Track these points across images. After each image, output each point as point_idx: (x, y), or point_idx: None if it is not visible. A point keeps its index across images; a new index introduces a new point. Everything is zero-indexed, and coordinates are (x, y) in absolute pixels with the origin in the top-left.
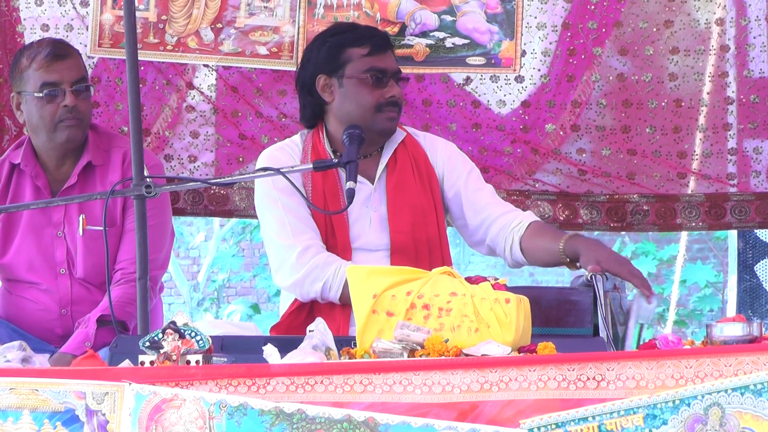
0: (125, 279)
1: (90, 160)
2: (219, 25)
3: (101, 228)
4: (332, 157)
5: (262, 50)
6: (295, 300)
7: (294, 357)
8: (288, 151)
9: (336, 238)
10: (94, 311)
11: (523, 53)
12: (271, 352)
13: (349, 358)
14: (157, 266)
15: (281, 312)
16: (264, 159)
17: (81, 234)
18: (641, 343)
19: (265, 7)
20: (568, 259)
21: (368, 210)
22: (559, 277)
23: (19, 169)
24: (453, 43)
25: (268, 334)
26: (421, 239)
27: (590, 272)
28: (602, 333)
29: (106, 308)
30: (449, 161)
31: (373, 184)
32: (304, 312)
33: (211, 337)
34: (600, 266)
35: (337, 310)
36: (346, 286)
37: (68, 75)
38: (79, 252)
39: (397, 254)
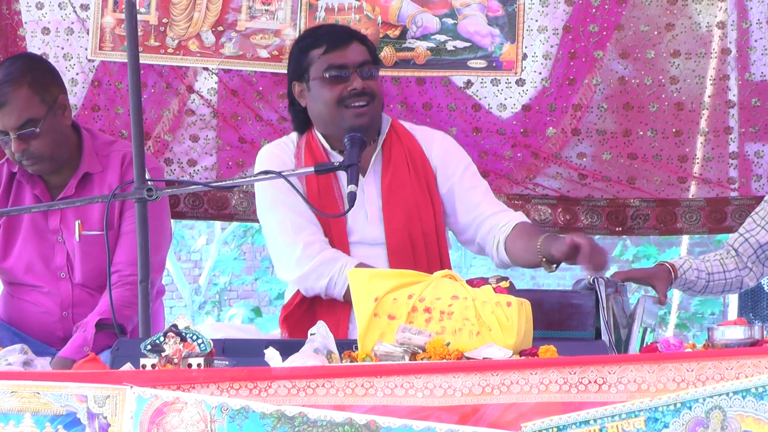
0: (122, 282)
1: (87, 170)
2: (220, 28)
3: (97, 233)
4: (329, 151)
5: (264, 53)
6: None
7: (295, 360)
8: (284, 148)
9: (332, 234)
10: (92, 315)
11: (524, 56)
12: (272, 356)
13: (351, 362)
14: (154, 269)
15: (288, 296)
16: (261, 156)
17: (77, 240)
18: (645, 346)
19: (266, 10)
20: (543, 258)
21: (363, 203)
22: (561, 281)
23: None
24: (454, 46)
25: (270, 336)
26: (417, 235)
27: (568, 243)
28: (604, 336)
29: (104, 312)
30: (445, 155)
31: (363, 177)
32: (305, 305)
33: (212, 340)
34: (570, 240)
35: (338, 305)
36: None
37: (9, 123)
38: (77, 257)
39: (394, 251)
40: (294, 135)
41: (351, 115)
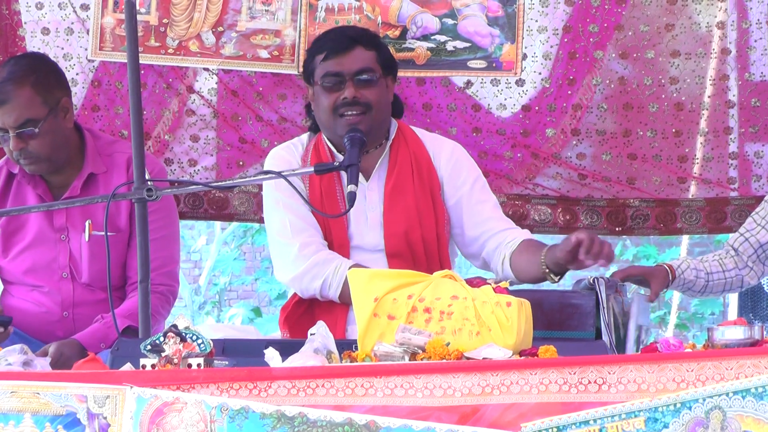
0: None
1: (91, 171)
2: (220, 29)
3: (109, 233)
4: (335, 154)
5: (264, 54)
6: None
7: (295, 360)
8: (292, 150)
9: (332, 237)
10: (118, 316)
11: (524, 56)
12: (272, 356)
13: (351, 362)
14: (176, 278)
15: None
16: (269, 158)
17: (87, 239)
18: (641, 345)
19: (266, 10)
20: (547, 268)
21: (364, 208)
22: (561, 281)
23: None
24: (454, 47)
25: (270, 337)
26: (416, 242)
27: (573, 241)
28: (605, 337)
29: (129, 316)
30: (455, 166)
31: (366, 181)
32: (303, 305)
33: (212, 340)
34: (575, 237)
35: (336, 305)
36: (345, 284)
37: (8, 121)
38: (85, 257)
39: (394, 257)
40: (305, 137)
41: (344, 125)
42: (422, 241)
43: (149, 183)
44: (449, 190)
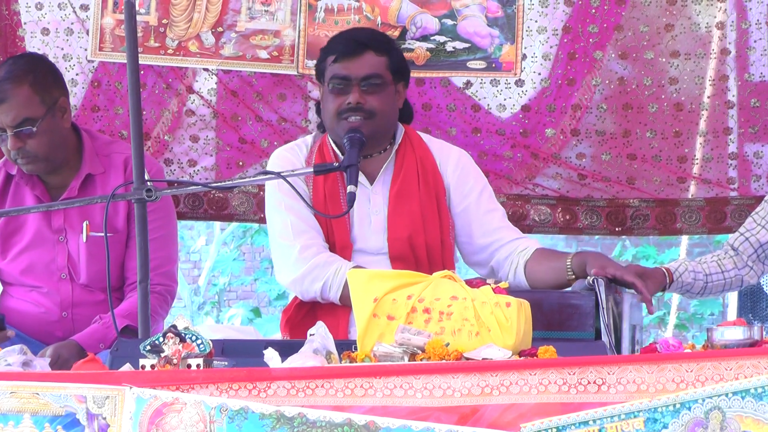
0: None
1: (89, 171)
2: (220, 29)
3: (108, 234)
4: (339, 155)
5: (263, 54)
6: None
7: (295, 361)
8: (297, 151)
9: (335, 239)
10: (118, 314)
11: (524, 57)
12: (271, 356)
13: (350, 362)
14: (174, 278)
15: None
16: (273, 158)
17: (85, 240)
18: (636, 344)
19: (266, 11)
20: (573, 275)
21: (368, 212)
22: None
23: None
24: (454, 47)
25: (270, 337)
26: (420, 247)
27: (593, 275)
28: (604, 337)
29: (129, 316)
30: (462, 174)
31: (371, 185)
32: (305, 308)
33: (211, 340)
34: (604, 270)
35: (337, 307)
36: (346, 286)
37: (7, 120)
38: (83, 258)
39: (397, 260)
40: (309, 138)
41: (344, 129)
42: (426, 246)
43: (149, 183)
44: (456, 197)
